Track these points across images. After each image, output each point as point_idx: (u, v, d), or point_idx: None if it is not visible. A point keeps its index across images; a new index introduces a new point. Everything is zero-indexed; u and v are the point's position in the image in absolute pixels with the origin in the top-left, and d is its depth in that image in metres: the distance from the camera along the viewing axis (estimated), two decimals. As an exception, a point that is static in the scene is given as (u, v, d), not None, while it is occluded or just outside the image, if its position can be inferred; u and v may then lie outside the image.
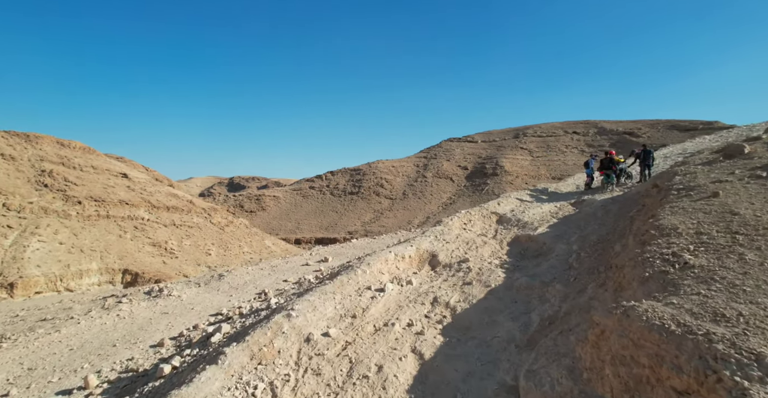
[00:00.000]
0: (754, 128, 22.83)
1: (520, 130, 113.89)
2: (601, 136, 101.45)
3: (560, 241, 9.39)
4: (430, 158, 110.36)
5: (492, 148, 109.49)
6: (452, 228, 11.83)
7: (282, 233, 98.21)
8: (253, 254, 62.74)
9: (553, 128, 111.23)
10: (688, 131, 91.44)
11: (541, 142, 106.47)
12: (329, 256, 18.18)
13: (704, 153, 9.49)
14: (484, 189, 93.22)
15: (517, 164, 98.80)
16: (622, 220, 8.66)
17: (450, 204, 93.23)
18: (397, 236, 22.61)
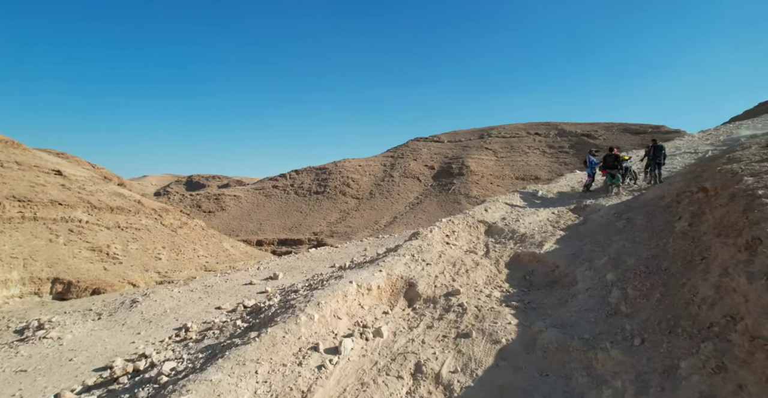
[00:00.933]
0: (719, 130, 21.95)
1: (485, 130, 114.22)
2: (561, 137, 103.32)
3: (579, 264, 6.97)
4: (397, 158, 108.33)
5: (458, 148, 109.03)
6: (433, 243, 9.19)
7: (243, 234, 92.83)
8: (210, 258, 57.89)
9: (516, 129, 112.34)
10: (639, 134, 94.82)
11: (505, 143, 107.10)
12: (280, 271, 15.11)
13: (752, 148, 7.48)
14: (451, 189, 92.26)
15: (482, 164, 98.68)
16: (668, 237, 6.37)
17: (417, 204, 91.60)
18: (363, 245, 19.75)
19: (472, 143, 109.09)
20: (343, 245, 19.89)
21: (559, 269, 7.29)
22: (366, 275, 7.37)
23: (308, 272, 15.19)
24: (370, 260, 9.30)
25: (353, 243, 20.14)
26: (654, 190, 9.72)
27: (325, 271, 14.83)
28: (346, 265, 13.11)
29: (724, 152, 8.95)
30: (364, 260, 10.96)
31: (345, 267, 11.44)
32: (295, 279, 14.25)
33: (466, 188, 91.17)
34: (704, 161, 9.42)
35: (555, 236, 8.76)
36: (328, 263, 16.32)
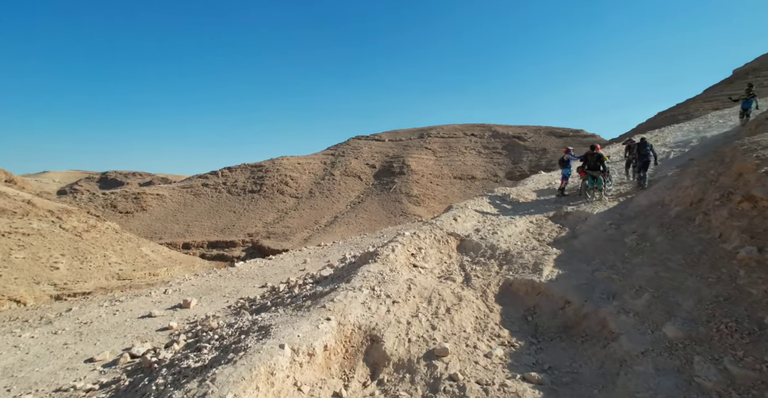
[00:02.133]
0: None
1: (425, 130, 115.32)
2: (494, 139, 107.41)
3: (601, 300, 5.09)
4: (338, 156, 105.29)
5: (399, 147, 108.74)
6: (397, 267, 6.89)
7: (167, 237, 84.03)
8: (125, 265, 50.65)
9: (454, 129, 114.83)
10: (562, 137, 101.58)
11: (444, 143, 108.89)
12: (193, 296, 11.88)
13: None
14: (392, 188, 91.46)
15: (422, 164, 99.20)
16: (729, 266, 4.70)
17: (359, 203, 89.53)
18: (302, 256, 16.91)
19: (413, 142, 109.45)
20: (278, 257, 16.92)
21: (572, 307, 5.38)
22: (306, 328, 4.85)
23: (232, 296, 12.14)
24: (310, 294, 6.74)
25: (290, 254, 17.25)
26: (647, 195, 8.35)
27: (253, 294, 11.90)
28: (280, 290, 10.36)
29: (722, 148, 7.75)
30: (304, 287, 8.34)
31: (278, 298, 8.69)
32: (214, 307, 11.17)
33: (407, 187, 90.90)
34: (701, 160, 8.20)
35: (549, 255, 6.91)
36: (259, 282, 13.36)
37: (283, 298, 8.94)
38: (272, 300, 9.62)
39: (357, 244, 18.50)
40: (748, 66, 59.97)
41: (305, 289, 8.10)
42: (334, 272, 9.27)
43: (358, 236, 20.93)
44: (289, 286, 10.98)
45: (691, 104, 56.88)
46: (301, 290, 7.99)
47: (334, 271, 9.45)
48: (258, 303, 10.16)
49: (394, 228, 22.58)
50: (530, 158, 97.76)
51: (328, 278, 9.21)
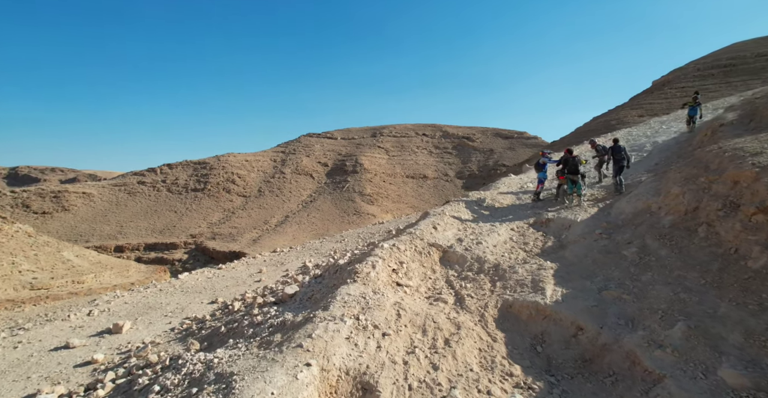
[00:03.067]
0: None
1: (377, 129, 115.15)
2: (445, 139, 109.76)
3: (621, 327, 4.49)
4: (289, 153, 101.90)
5: (351, 145, 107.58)
6: (380, 288, 5.95)
7: (96, 239, 76.47)
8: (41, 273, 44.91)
9: (406, 129, 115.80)
10: (507, 138, 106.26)
11: (396, 142, 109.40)
12: (126, 318, 10.06)
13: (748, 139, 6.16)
14: (345, 187, 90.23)
15: (375, 162, 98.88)
16: (755, 285, 4.38)
17: (311, 202, 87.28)
18: (256, 264, 15.34)
19: (365, 140, 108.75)
20: (229, 266, 15.22)
21: (586, 335, 4.78)
22: (282, 380, 3.78)
23: (175, 315, 10.52)
24: (278, 323, 5.58)
25: (243, 263, 15.60)
26: (629, 202, 8.14)
27: (202, 311, 10.39)
28: (235, 308, 8.98)
29: (700, 154, 7.69)
30: (266, 309, 7.05)
31: (234, 321, 7.34)
32: (153, 330, 9.53)
33: (360, 185, 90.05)
34: (679, 166, 8.13)
35: (545, 270, 6.35)
36: (208, 297, 11.77)
37: (240, 322, 7.65)
38: (226, 323, 8.29)
39: (316, 250, 17.29)
40: (663, 78, 65.99)
41: (269, 314, 6.89)
42: (301, 290, 8.13)
43: (317, 241, 19.67)
44: (245, 304, 9.63)
45: (620, 111, 61.46)
46: (264, 316, 6.77)
47: (301, 288, 8.30)
48: (209, 326, 8.75)
49: (354, 231, 21.57)
50: (478, 158, 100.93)
51: (294, 297, 8.05)
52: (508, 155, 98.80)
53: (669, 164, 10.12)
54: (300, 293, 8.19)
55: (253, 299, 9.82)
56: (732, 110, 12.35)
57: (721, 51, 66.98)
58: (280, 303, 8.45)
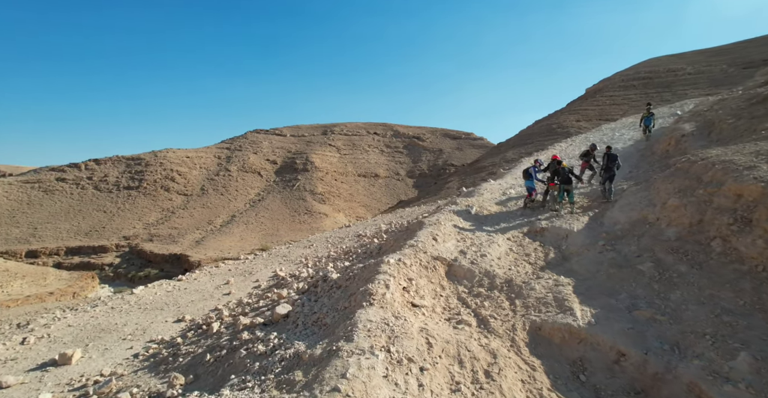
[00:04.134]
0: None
1: (328, 127, 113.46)
2: (396, 138, 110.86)
3: (668, 353, 4.33)
4: (234, 150, 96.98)
5: (301, 143, 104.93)
6: (399, 312, 5.42)
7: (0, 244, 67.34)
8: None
9: (357, 127, 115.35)
10: (455, 138, 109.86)
11: (347, 140, 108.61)
12: (74, 345, 8.53)
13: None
14: (296, 185, 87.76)
15: (326, 161, 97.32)
16: None
17: (259, 201, 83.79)
18: (221, 274, 14.00)
19: (316, 138, 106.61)
20: (191, 277, 13.74)
21: (631, 361, 4.62)
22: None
23: (136, 338, 9.18)
24: (291, 356, 4.86)
25: (205, 273, 14.15)
26: (622, 211, 8.38)
27: (168, 332, 9.19)
28: (213, 330, 7.96)
29: (685, 165, 8.11)
30: (256, 331, 6.15)
31: (216, 346, 6.38)
32: (112, 358, 8.21)
33: (311, 184, 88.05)
34: (665, 176, 8.51)
35: (562, 286, 6.24)
36: (172, 314, 10.47)
37: (232, 350, 6.78)
38: (210, 349, 7.37)
39: (284, 256, 16.28)
40: (595, 87, 71.78)
41: (270, 341, 6.10)
42: (295, 310, 7.39)
43: (283, 246, 18.60)
44: (224, 324, 8.63)
45: (560, 116, 65.61)
46: (266, 344, 5.96)
47: (294, 307, 7.55)
48: (185, 352, 7.72)
49: (321, 236, 20.73)
50: (428, 158, 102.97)
51: (289, 318, 7.31)
52: (456, 155, 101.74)
53: (646, 173, 10.65)
54: (294, 313, 7.45)
55: (233, 318, 8.86)
56: (685, 122, 13.41)
57: (640, 65, 73.93)
58: (271, 325, 7.66)
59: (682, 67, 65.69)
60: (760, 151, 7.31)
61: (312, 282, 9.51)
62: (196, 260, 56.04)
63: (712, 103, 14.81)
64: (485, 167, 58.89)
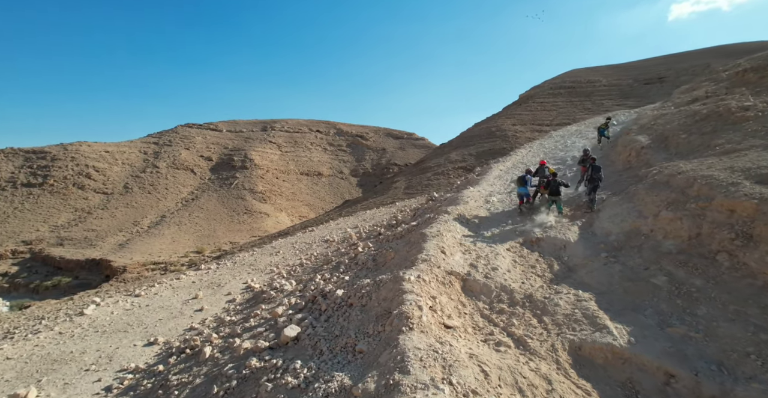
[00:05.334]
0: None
1: (268, 123, 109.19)
2: (339, 136, 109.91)
3: (712, 372, 4.70)
4: (163, 145, 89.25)
5: (239, 139, 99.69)
6: (441, 337, 5.15)
7: None
8: None
9: (299, 124, 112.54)
10: (398, 138, 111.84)
11: (289, 137, 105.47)
12: (20, 380, 7.06)
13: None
14: (234, 183, 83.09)
15: (267, 158, 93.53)
16: None
17: (193, 200, 78.01)
18: (185, 286, 12.44)
19: (255, 134, 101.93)
20: (150, 292, 12.07)
21: (682, 383, 4.73)
22: None
23: (102, 368, 7.76)
24: (337, 392, 4.35)
25: (167, 287, 12.48)
26: (612, 221, 8.83)
27: (143, 359, 7.97)
28: (207, 355, 7.02)
29: (666, 178, 8.83)
30: (264, 356, 5.42)
31: (214, 372, 5.58)
32: (76, 395, 6.94)
33: (251, 182, 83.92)
34: (646, 188, 9.22)
35: (585, 301, 6.35)
36: (140, 337, 9.07)
37: (228, 376, 6.04)
38: (209, 378, 6.55)
39: (251, 265, 15.14)
40: (527, 93, 77.37)
41: (297, 371, 5.42)
42: (306, 332, 6.78)
43: (247, 254, 17.32)
44: (216, 348, 7.70)
45: (498, 119, 69.52)
46: (295, 376, 5.27)
47: (305, 330, 6.92)
48: (175, 382, 6.81)
49: (286, 241, 19.66)
50: (372, 157, 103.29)
51: (301, 341, 6.68)
52: (399, 154, 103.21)
53: (618, 183, 11.39)
54: (307, 336, 6.84)
55: (224, 340, 7.94)
56: (638, 134, 14.71)
57: (566, 74, 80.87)
58: (279, 349, 6.96)
59: (599, 79, 73.12)
60: (733, 167, 8.20)
61: (309, 298, 8.87)
62: (120, 266, 50.50)
63: (654, 117, 16.47)
64: (430, 167, 60.44)
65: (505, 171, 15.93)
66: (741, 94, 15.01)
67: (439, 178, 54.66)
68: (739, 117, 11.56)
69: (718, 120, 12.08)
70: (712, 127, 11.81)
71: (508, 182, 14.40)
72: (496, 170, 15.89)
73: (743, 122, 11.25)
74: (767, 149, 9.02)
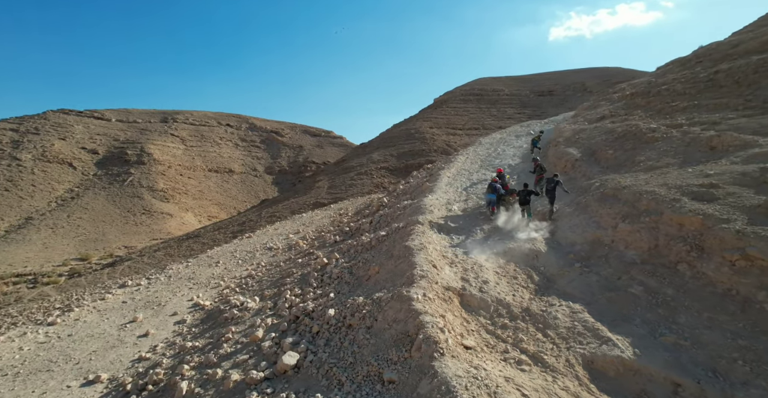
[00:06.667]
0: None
1: (169, 114, 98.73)
2: (252, 132, 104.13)
3: (710, 379, 5.27)
4: (27, 133, 75.11)
5: (134, 130, 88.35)
6: (475, 361, 5.04)
7: None
8: None
9: (206, 117, 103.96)
10: (316, 136, 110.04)
11: (194, 130, 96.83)
12: None
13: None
14: (128, 180, 73.27)
15: (168, 153, 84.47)
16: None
17: (72, 199, 67.01)
18: (115, 307, 10.32)
19: (154, 126, 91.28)
20: (70, 318, 9.74)
21: (690, 392, 5.18)
22: None
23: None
24: None
25: (91, 310, 10.04)
26: (573, 231, 9.50)
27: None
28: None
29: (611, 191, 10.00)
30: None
31: None
32: None
33: (149, 179, 74.84)
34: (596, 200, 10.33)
35: (581, 313, 6.69)
36: (73, 376, 7.27)
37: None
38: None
39: (191, 278, 13.39)
40: (441, 97, 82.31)
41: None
42: (308, 358, 6.15)
43: (181, 265, 15.25)
44: (192, 381, 6.58)
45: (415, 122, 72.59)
46: None
47: (306, 355, 6.29)
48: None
49: (224, 249, 17.80)
50: (288, 154, 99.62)
51: (302, 370, 6.05)
52: (317, 152, 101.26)
53: (562, 196, 12.37)
54: (310, 362, 6.24)
55: (202, 372, 6.83)
56: (567, 146, 16.50)
57: (474, 82, 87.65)
58: (277, 379, 6.24)
59: (502, 89, 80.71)
60: (667, 184, 9.58)
61: (289, 318, 8.14)
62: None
63: (574, 131, 18.65)
64: (353, 167, 60.39)
65: (452, 178, 16.54)
66: (639, 116, 17.84)
67: (362, 178, 54.90)
68: (649, 137, 13.69)
69: (634, 139, 14.17)
70: (631, 145, 13.79)
71: (460, 190, 14.97)
72: (444, 177, 16.41)
73: (654, 142, 13.34)
74: (682, 168, 10.81)
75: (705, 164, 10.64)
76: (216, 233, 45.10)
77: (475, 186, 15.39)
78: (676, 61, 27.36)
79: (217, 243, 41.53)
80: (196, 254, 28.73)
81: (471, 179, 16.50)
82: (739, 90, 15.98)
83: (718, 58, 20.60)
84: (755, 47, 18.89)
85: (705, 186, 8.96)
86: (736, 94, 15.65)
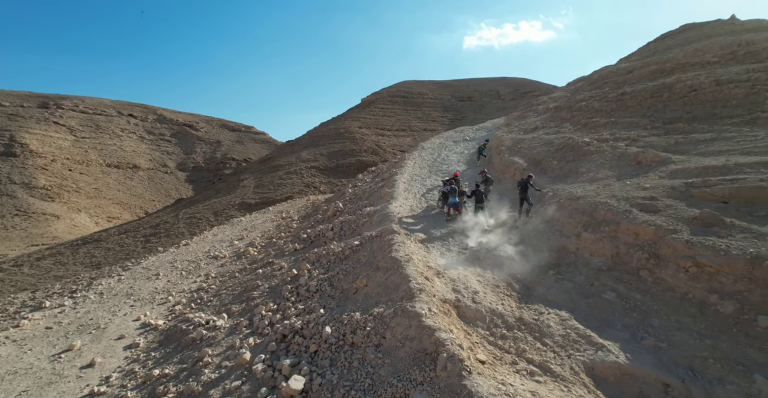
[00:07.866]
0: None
1: (51, 99, 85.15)
2: (161, 124, 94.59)
3: (692, 378, 5.86)
4: None
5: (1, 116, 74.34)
6: (499, 377, 5.11)
7: None
8: None
9: (103, 105, 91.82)
10: (235, 131, 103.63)
11: (87, 119, 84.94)
12: None
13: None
14: (-8, 174, 61.39)
15: (52, 144, 72.82)
16: (752, 331, 6.57)
17: None
18: (43, 335, 8.34)
19: (29, 112, 77.77)
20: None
21: (678, 391, 5.67)
22: None
23: None
24: None
25: (7, 340, 8.09)
26: (540, 239, 10.00)
27: None
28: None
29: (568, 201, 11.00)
30: None
31: None
32: None
33: (25, 175, 63.69)
34: (554, 209, 11.21)
35: (570, 321, 7.01)
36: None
37: None
38: None
39: (131, 295, 11.53)
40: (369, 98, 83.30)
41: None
42: (316, 381, 5.65)
43: (112, 279, 12.98)
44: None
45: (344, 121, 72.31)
46: None
47: (312, 379, 5.77)
48: None
49: (162, 259, 15.62)
50: (204, 150, 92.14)
51: (308, 395, 5.58)
52: (237, 148, 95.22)
53: (534, 196, 13.09)
54: (320, 386, 5.76)
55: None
56: (512, 155, 17.72)
57: (400, 84, 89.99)
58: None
59: (426, 93, 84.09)
60: (616, 195, 10.69)
61: (276, 337, 7.46)
62: None
63: (513, 140, 20.10)
64: (281, 165, 57.95)
65: (408, 184, 16.67)
66: (569, 129, 19.91)
67: (292, 177, 52.86)
68: (586, 151, 15.32)
69: (572, 151, 15.73)
70: (572, 157, 15.28)
71: (419, 196, 15.16)
72: (400, 182, 16.50)
73: (590, 155, 14.95)
74: (620, 180, 12.25)
75: (638, 177, 12.17)
76: (123, 237, 39.85)
77: (431, 192, 15.71)
78: (585, 80, 31.07)
79: (125, 248, 36.60)
80: (107, 263, 25.16)
81: (425, 185, 16.82)
82: (642, 111, 18.57)
83: (620, 81, 23.82)
84: (646, 75, 22.17)
85: (647, 199, 10.23)
86: (641, 115, 18.17)
